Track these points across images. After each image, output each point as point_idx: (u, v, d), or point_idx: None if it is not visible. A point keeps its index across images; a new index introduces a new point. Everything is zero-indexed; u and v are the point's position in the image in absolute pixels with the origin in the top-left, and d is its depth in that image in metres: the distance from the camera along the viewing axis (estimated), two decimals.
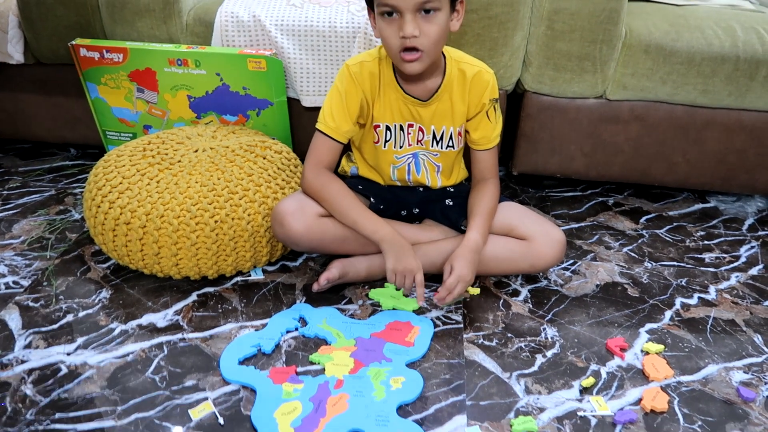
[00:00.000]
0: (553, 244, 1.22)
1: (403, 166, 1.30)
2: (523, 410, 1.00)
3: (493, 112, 1.24)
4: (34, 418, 0.95)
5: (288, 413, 0.95)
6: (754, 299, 1.29)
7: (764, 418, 1.00)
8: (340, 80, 1.20)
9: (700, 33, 1.43)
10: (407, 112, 1.23)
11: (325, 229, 1.20)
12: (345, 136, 1.22)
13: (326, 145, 1.22)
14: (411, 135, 1.26)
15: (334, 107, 1.20)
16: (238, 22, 1.47)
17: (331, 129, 1.20)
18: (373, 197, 1.32)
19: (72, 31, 1.55)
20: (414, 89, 1.20)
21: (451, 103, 1.22)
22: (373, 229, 1.17)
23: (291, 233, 1.18)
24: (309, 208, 1.20)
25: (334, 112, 1.20)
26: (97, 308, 1.20)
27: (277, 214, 1.19)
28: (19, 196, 1.61)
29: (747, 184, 1.60)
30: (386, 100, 1.22)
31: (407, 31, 1.04)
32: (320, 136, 1.22)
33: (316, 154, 1.22)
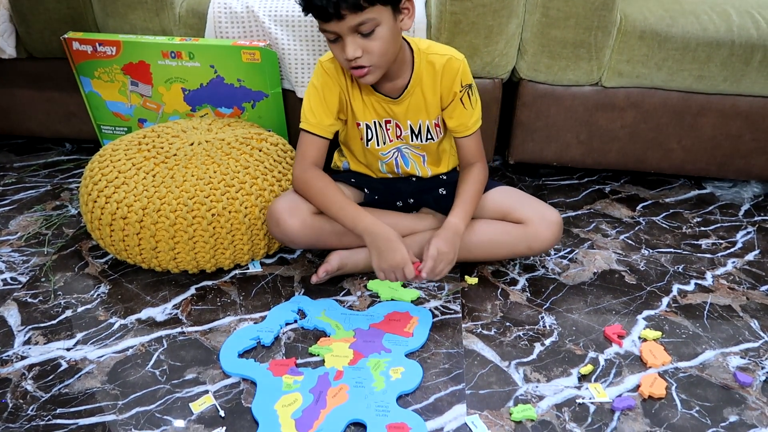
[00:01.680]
0: (550, 225, 1.21)
1: (390, 160, 1.30)
2: (522, 398, 1.00)
3: (468, 98, 1.22)
4: (35, 414, 0.96)
5: (288, 405, 0.96)
6: (750, 284, 1.30)
7: (761, 403, 1.00)
8: (315, 77, 1.19)
9: (694, 18, 1.43)
10: (382, 110, 1.22)
11: (321, 225, 1.20)
12: (328, 130, 1.21)
13: (310, 142, 1.21)
14: (390, 131, 1.25)
15: (313, 104, 1.19)
16: (231, 13, 1.46)
17: (313, 125, 1.19)
18: (367, 189, 1.32)
19: (64, 25, 1.54)
20: (384, 87, 1.19)
21: (423, 97, 1.20)
22: (354, 220, 1.15)
23: (287, 231, 1.18)
24: (303, 205, 1.19)
25: (313, 108, 1.19)
26: (95, 303, 1.20)
27: (273, 214, 1.19)
28: (15, 192, 1.61)
29: (743, 169, 1.60)
30: (362, 98, 1.21)
31: (348, 54, 1.04)
32: (304, 134, 1.21)
33: (302, 152, 1.21)
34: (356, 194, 1.32)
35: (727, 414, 0.98)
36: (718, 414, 0.98)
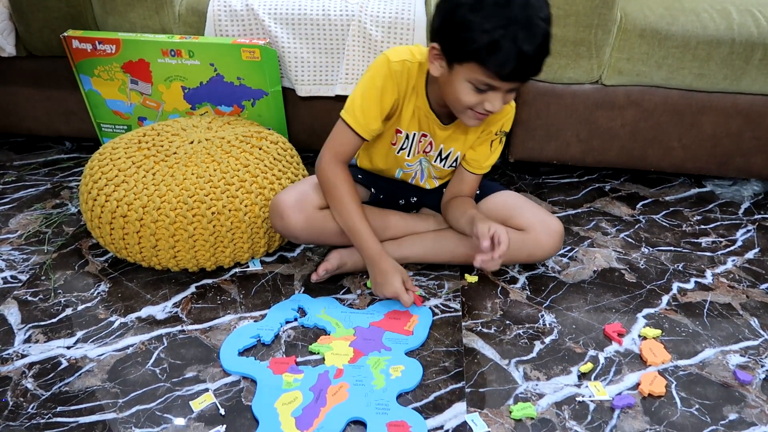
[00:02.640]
0: (551, 234, 1.21)
1: (410, 172, 1.28)
2: (522, 396, 1.00)
3: (498, 143, 1.23)
4: (36, 412, 0.96)
5: (288, 403, 0.96)
6: (750, 283, 1.30)
7: (761, 401, 1.01)
8: (378, 73, 1.10)
9: (695, 16, 1.43)
10: (426, 125, 1.19)
11: (324, 222, 1.19)
12: (371, 134, 1.14)
13: (349, 138, 1.14)
14: (421, 143, 1.22)
15: (367, 102, 1.11)
16: (231, 11, 1.46)
17: (360, 125, 1.12)
18: (374, 188, 1.31)
19: (63, 23, 1.54)
20: (440, 109, 1.16)
21: (466, 130, 1.19)
22: (361, 243, 1.16)
23: (291, 226, 1.17)
24: (309, 200, 1.18)
25: (365, 107, 1.11)
26: (96, 301, 1.20)
27: (277, 207, 1.17)
28: (15, 190, 1.61)
29: (743, 168, 1.60)
30: (412, 106, 1.16)
31: (496, 108, 1.02)
32: (345, 127, 1.13)
33: (337, 144, 1.15)
34: (363, 191, 1.31)
35: (727, 412, 0.99)
36: (718, 412, 0.99)
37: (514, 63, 0.94)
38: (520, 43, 0.93)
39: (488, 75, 0.97)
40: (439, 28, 1.00)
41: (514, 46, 0.93)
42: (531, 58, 0.95)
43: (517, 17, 0.92)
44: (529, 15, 0.93)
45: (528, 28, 0.93)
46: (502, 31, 0.92)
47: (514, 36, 0.92)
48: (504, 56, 0.94)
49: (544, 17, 0.96)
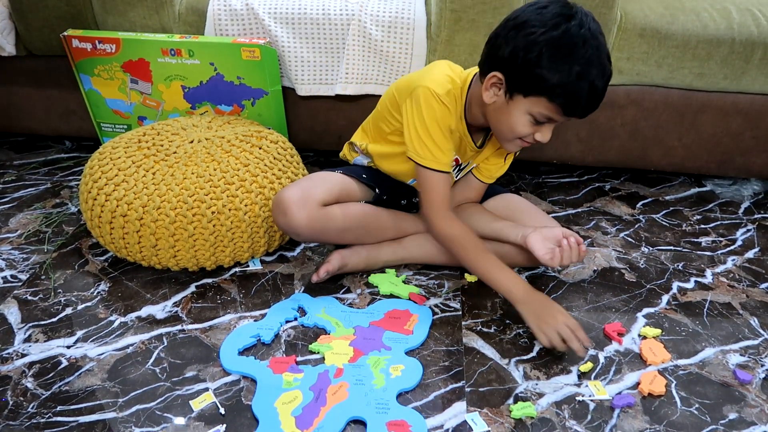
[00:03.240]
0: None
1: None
2: (522, 396, 1.00)
3: (511, 156, 1.27)
4: (36, 412, 0.96)
5: (288, 402, 0.96)
6: (750, 282, 1.30)
7: (761, 400, 1.01)
8: (430, 109, 1.11)
9: (695, 15, 1.43)
10: (458, 147, 1.21)
11: (327, 219, 1.17)
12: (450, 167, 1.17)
13: (443, 181, 1.14)
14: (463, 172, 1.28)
15: (439, 139, 1.12)
16: (231, 10, 1.46)
17: (444, 164, 1.13)
18: (378, 189, 1.30)
19: (63, 22, 1.54)
20: (475, 131, 1.19)
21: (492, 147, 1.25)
22: (508, 287, 1.10)
23: (294, 223, 1.15)
24: (312, 197, 1.16)
25: (439, 143, 1.12)
26: (96, 301, 1.20)
27: (280, 204, 1.15)
28: (15, 189, 1.61)
29: (743, 167, 1.60)
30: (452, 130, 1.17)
31: (546, 139, 1.08)
32: (434, 174, 1.14)
33: (439, 196, 1.15)
34: (366, 192, 1.29)
35: (727, 411, 0.99)
36: (718, 411, 0.99)
37: (584, 101, 1.00)
38: (592, 83, 0.98)
39: (554, 110, 1.02)
40: (507, 61, 1.02)
41: (586, 85, 0.98)
42: (598, 97, 1.01)
43: (591, 58, 0.97)
44: (601, 56, 0.99)
45: (600, 68, 0.98)
46: (579, 69, 0.97)
47: (588, 76, 0.97)
48: (576, 95, 0.99)
49: (609, 58, 1.01)
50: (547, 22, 0.97)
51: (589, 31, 0.97)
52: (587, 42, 0.96)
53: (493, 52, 1.04)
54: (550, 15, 0.98)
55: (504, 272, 1.11)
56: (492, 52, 1.05)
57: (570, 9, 0.99)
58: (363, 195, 1.29)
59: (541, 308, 1.07)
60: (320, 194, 1.18)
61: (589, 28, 0.97)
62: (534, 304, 1.08)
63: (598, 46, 0.98)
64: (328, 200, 1.19)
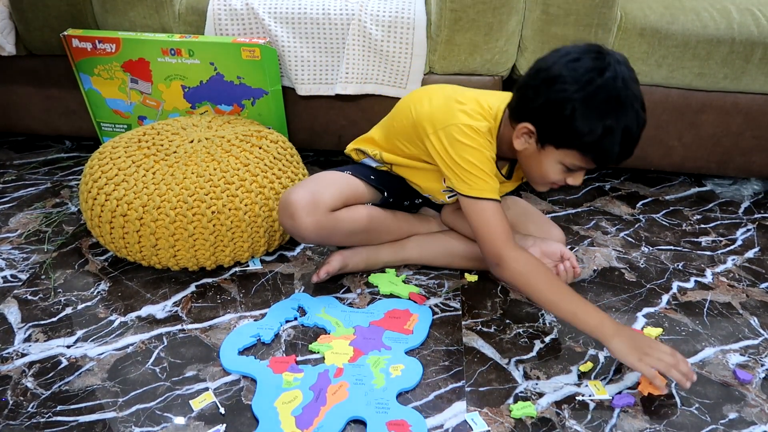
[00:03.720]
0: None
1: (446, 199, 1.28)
2: (522, 395, 1.00)
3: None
4: (36, 411, 0.96)
5: (288, 402, 0.96)
6: (750, 282, 1.30)
7: (761, 400, 1.01)
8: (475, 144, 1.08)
9: (695, 15, 1.43)
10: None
11: (335, 225, 1.15)
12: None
13: (501, 211, 1.09)
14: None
15: (487, 167, 1.09)
16: (231, 10, 1.46)
17: (496, 191, 1.10)
18: (386, 191, 1.28)
19: (63, 22, 1.54)
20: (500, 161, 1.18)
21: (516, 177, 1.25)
22: (598, 323, 1.00)
23: (301, 229, 1.12)
24: (321, 202, 1.13)
25: (487, 171, 1.09)
26: (96, 301, 1.20)
27: (288, 207, 1.12)
28: (15, 189, 1.61)
29: (743, 167, 1.60)
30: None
31: (578, 182, 1.08)
32: (490, 204, 1.08)
33: (503, 227, 1.08)
34: (374, 194, 1.27)
35: (727, 411, 0.99)
36: (718, 411, 0.99)
37: (616, 153, 0.99)
38: (625, 135, 0.97)
39: (586, 161, 1.02)
40: (539, 113, 1.01)
41: (619, 138, 0.97)
42: (632, 146, 1.00)
43: (625, 111, 0.96)
44: (634, 106, 0.97)
45: (634, 119, 0.97)
46: (612, 123, 0.96)
47: (621, 129, 0.96)
48: (609, 149, 0.98)
49: (643, 106, 0.99)
50: (580, 78, 0.95)
51: (623, 82, 0.96)
52: (620, 95, 0.95)
53: (524, 102, 1.03)
54: (583, 70, 0.95)
55: (589, 308, 1.02)
56: (523, 103, 1.04)
57: (603, 60, 0.96)
58: (370, 197, 1.26)
59: (637, 338, 0.99)
60: (329, 199, 1.15)
61: (622, 78, 0.95)
62: (627, 335, 0.99)
63: (631, 96, 0.96)
64: (337, 205, 1.16)
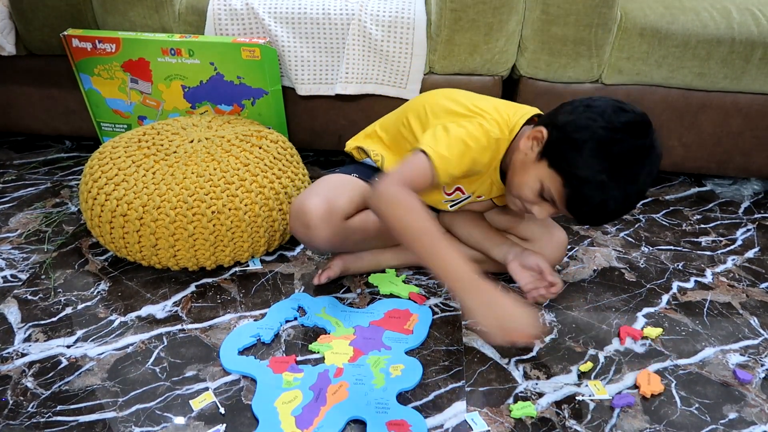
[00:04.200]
0: (556, 246, 1.21)
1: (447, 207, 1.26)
2: (522, 395, 1.00)
3: None
4: (36, 411, 0.96)
5: (288, 402, 0.96)
6: (750, 282, 1.30)
7: (761, 400, 1.01)
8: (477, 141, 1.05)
9: (695, 15, 1.43)
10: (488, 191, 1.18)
11: (348, 234, 1.13)
12: (447, 179, 1.03)
13: (426, 176, 1.01)
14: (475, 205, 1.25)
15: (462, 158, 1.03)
16: (231, 10, 1.46)
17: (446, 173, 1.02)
18: None
19: (63, 22, 1.54)
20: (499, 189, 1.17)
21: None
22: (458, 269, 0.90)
23: (316, 239, 1.08)
24: (338, 211, 1.09)
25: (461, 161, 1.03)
26: (96, 300, 1.20)
27: (303, 216, 1.07)
28: (15, 189, 1.61)
29: (743, 167, 1.60)
30: (489, 178, 1.14)
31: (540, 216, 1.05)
32: (427, 163, 1.00)
33: (410, 175, 1.00)
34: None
35: (727, 411, 0.99)
36: (718, 411, 0.99)
37: (588, 209, 0.97)
38: (606, 199, 0.94)
39: (560, 195, 0.98)
40: (559, 126, 0.98)
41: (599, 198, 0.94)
42: (604, 216, 0.98)
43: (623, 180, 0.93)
44: (634, 186, 0.95)
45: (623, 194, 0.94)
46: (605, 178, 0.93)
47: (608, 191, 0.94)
48: (586, 198, 0.95)
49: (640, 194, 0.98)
50: (615, 122, 0.93)
51: (642, 162, 0.94)
52: (632, 167, 0.93)
53: (556, 113, 1.01)
54: (624, 119, 0.94)
55: (449, 252, 0.91)
56: (555, 113, 1.02)
57: (645, 130, 0.94)
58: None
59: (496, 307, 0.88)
60: (344, 206, 1.11)
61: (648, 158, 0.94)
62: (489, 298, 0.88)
63: (637, 177, 0.94)
64: (351, 211, 1.13)
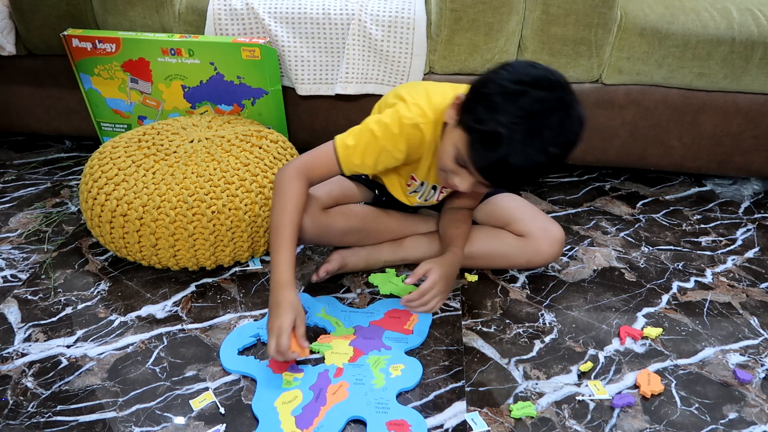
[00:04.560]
0: (553, 242, 1.21)
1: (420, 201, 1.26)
2: (522, 395, 1.00)
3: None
4: (36, 411, 0.96)
5: (288, 402, 0.96)
6: (750, 282, 1.30)
7: (761, 400, 1.01)
8: (386, 130, 1.04)
9: (695, 15, 1.42)
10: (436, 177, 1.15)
11: (329, 223, 1.18)
12: (352, 173, 1.09)
13: (328, 164, 1.07)
14: (442, 194, 1.23)
15: (367, 150, 1.05)
16: (231, 10, 1.46)
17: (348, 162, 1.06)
18: (377, 189, 1.30)
19: (63, 22, 1.54)
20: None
21: None
22: (273, 270, 1.01)
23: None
24: (313, 201, 1.15)
25: (365, 152, 1.05)
26: (95, 300, 1.20)
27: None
28: (15, 189, 1.61)
29: (743, 167, 1.60)
30: (428, 162, 1.12)
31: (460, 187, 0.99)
32: (331, 152, 1.06)
33: (312, 162, 1.07)
34: (365, 192, 1.30)
35: (727, 411, 0.99)
36: (718, 411, 0.99)
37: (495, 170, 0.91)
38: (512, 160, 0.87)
39: (466, 153, 0.93)
40: (472, 87, 0.95)
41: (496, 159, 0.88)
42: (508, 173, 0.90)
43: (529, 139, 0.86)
44: (539, 141, 0.87)
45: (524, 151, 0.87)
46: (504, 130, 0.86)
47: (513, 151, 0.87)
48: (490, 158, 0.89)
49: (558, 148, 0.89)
50: (523, 74, 0.88)
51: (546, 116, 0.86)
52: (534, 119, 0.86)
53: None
54: (532, 73, 0.89)
55: (286, 255, 1.01)
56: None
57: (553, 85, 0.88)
58: (362, 196, 1.29)
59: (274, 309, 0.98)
60: (321, 197, 1.18)
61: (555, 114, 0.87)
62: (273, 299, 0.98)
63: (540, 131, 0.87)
64: (328, 203, 1.19)
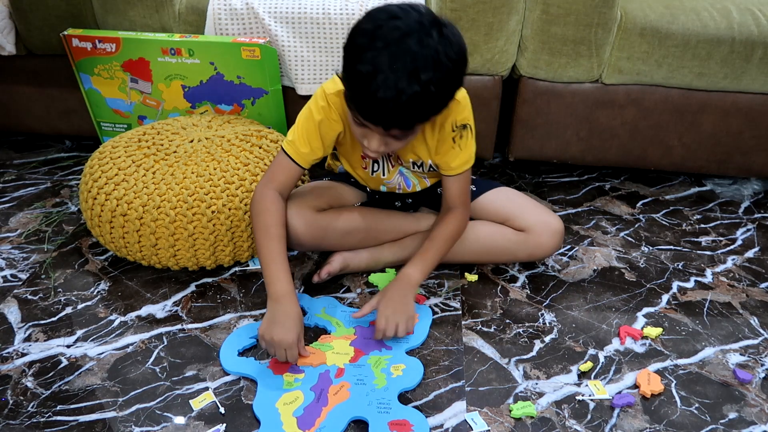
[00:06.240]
0: (552, 234, 1.21)
1: (393, 184, 1.26)
2: (522, 395, 1.00)
3: (460, 138, 1.11)
4: (36, 411, 0.96)
5: (290, 403, 0.96)
6: (750, 282, 1.30)
7: (760, 400, 1.01)
8: (315, 106, 1.08)
9: (695, 15, 1.42)
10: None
11: (326, 224, 1.18)
12: (309, 163, 1.13)
13: (287, 166, 1.12)
14: (392, 158, 1.19)
15: (308, 134, 1.09)
16: (231, 10, 1.46)
17: (299, 154, 1.11)
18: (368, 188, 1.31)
19: (63, 21, 1.54)
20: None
21: (423, 137, 1.11)
22: (271, 281, 1.04)
23: (292, 232, 1.14)
24: (304, 203, 1.17)
25: (307, 137, 1.10)
26: (95, 300, 1.20)
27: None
28: (15, 189, 1.61)
29: (743, 166, 1.60)
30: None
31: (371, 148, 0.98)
32: (283, 156, 1.12)
33: (274, 172, 1.13)
34: (357, 194, 1.30)
35: (727, 411, 0.99)
36: (718, 411, 0.99)
37: (369, 107, 0.89)
38: (380, 93, 0.85)
39: (352, 107, 0.93)
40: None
41: (374, 91, 0.86)
42: (392, 111, 0.88)
43: (393, 66, 0.84)
44: (408, 61, 0.85)
45: (396, 84, 0.85)
46: (369, 67, 0.85)
47: (379, 82, 0.85)
48: (362, 96, 0.88)
49: (428, 72, 0.85)
50: (379, 11, 0.88)
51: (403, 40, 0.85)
52: (396, 44, 0.84)
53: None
54: (389, 9, 0.88)
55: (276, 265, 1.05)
56: None
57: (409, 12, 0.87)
58: (355, 197, 1.30)
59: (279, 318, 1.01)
60: (311, 199, 1.19)
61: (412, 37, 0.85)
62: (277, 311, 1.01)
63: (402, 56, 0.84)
64: (321, 205, 1.20)
